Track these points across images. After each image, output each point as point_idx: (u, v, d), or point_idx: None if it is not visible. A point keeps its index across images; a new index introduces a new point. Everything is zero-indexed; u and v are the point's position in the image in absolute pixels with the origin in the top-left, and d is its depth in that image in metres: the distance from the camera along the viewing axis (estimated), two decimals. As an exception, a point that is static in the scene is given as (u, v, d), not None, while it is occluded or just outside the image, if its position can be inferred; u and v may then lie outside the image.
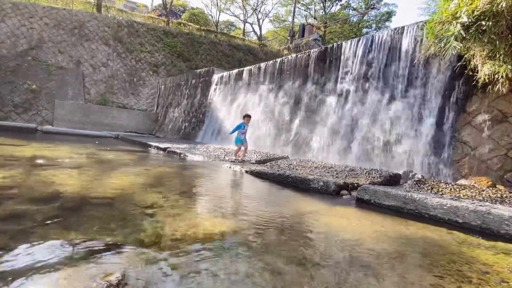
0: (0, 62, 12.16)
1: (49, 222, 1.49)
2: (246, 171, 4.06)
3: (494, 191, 3.05)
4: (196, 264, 1.16)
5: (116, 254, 1.19)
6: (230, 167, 4.50)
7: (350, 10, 29.85)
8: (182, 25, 20.91)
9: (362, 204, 2.68)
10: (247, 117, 5.71)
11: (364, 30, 29.07)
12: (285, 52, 20.90)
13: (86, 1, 18.75)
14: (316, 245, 1.54)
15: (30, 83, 12.23)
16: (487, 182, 3.53)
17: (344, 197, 2.96)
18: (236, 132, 5.61)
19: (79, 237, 1.32)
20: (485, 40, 3.51)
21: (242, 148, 5.58)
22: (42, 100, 12.34)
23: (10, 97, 11.75)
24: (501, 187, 3.43)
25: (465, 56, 4.00)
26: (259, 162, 5.30)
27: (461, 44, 3.62)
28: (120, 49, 15.57)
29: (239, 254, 1.30)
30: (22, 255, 1.12)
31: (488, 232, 1.97)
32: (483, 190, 3.09)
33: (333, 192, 3.01)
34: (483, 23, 3.42)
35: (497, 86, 3.73)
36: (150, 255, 1.20)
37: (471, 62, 3.98)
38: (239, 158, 5.49)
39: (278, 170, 3.96)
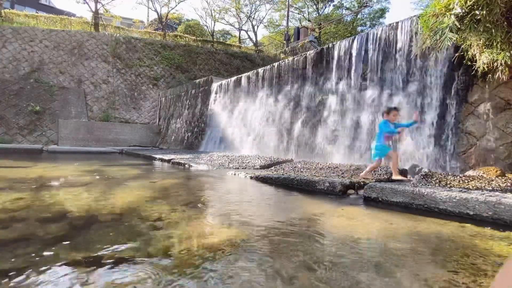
0: (4, 86, 12.41)
1: (58, 242, 1.50)
2: (251, 177, 4.06)
3: (503, 180, 3.01)
4: (207, 274, 1.16)
5: (127, 271, 1.19)
6: (234, 174, 4.50)
7: (343, 10, 30.04)
8: (178, 37, 21.21)
9: (370, 202, 2.66)
10: (394, 110, 3.38)
11: (359, 28, 29.18)
12: (282, 56, 21.03)
13: (83, 21, 19.16)
14: (327, 247, 1.53)
15: (34, 104, 12.43)
16: (496, 172, 3.48)
17: (351, 196, 2.94)
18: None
19: (89, 256, 1.33)
20: (481, 29, 3.50)
21: (383, 160, 3.46)
22: (46, 120, 12.52)
23: (15, 120, 11.94)
24: (511, 176, 3.37)
25: (462, 46, 3.99)
26: (263, 167, 5.29)
27: (456, 35, 3.62)
28: (119, 65, 15.80)
29: (250, 261, 1.30)
30: (32, 278, 1.12)
31: (500, 222, 1.94)
32: (492, 180, 3.04)
33: (339, 192, 2.99)
34: (477, 12, 3.42)
35: (497, 74, 3.71)
36: (161, 269, 1.20)
37: (469, 52, 3.96)
38: (393, 177, 3.30)
39: (283, 174, 3.95)
